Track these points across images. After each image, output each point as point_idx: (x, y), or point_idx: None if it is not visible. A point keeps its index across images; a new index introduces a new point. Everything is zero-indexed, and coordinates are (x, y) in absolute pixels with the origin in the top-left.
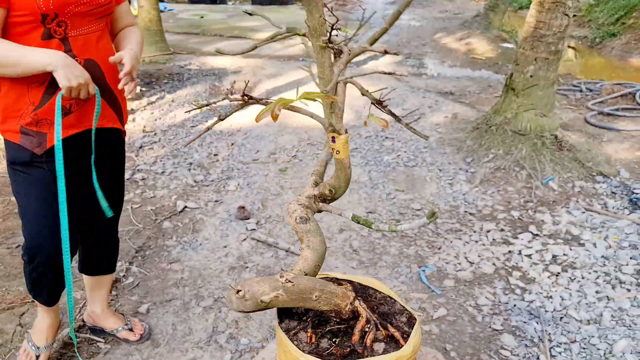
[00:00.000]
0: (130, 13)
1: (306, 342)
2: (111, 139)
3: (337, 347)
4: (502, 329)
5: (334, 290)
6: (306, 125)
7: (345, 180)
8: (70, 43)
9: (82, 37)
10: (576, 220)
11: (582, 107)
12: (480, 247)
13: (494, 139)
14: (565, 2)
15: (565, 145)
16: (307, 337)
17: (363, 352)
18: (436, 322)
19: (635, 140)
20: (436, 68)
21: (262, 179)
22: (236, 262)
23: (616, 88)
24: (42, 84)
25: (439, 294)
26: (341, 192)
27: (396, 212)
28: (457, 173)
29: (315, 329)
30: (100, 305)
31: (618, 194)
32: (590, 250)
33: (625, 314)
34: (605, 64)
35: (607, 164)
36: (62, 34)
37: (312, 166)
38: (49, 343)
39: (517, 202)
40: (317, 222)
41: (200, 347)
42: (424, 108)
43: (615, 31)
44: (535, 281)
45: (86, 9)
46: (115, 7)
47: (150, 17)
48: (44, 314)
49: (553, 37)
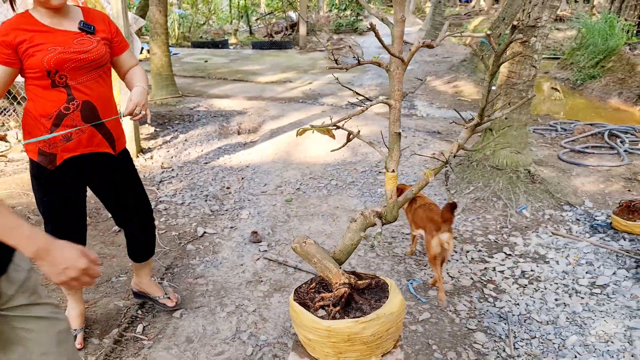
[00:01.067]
0: (132, 56)
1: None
2: (104, 160)
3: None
4: (476, 328)
5: (330, 266)
6: (308, 162)
7: (390, 209)
8: (71, 89)
9: (81, 85)
10: (544, 243)
11: (556, 145)
12: (460, 264)
13: (474, 173)
14: (532, 56)
15: (537, 178)
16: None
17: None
18: (421, 324)
19: (600, 175)
20: (425, 109)
21: (270, 208)
22: (252, 277)
23: (587, 128)
24: (49, 118)
25: (424, 302)
26: (389, 218)
27: (388, 236)
28: (441, 203)
29: (315, 302)
30: (145, 278)
31: (581, 221)
32: (553, 267)
33: (577, 316)
34: (586, 104)
35: (574, 195)
36: (64, 84)
37: (315, 197)
38: (82, 327)
39: (494, 228)
40: (360, 225)
41: (226, 342)
42: (413, 146)
43: (595, 74)
44: (505, 292)
45: (79, 65)
46: (118, 56)
47: (162, 63)
48: (72, 304)
49: (523, 85)
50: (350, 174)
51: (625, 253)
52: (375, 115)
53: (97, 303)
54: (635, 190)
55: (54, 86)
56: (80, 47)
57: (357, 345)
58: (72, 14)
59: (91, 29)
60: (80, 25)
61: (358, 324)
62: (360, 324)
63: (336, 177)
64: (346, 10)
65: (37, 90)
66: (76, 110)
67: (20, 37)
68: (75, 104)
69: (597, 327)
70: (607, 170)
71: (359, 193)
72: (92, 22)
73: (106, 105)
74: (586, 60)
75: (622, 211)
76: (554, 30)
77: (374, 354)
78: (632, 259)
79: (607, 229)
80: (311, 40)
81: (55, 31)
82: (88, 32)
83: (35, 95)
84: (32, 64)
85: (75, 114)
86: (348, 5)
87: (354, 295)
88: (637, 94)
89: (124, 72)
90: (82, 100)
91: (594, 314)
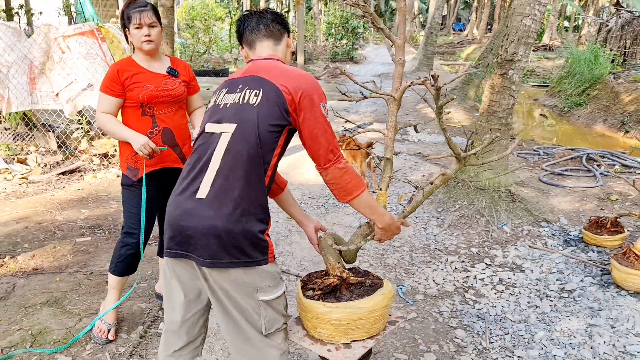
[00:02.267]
0: (200, 99)
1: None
2: (176, 173)
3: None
4: (457, 326)
5: (330, 260)
6: (307, 183)
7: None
8: (155, 118)
9: (163, 115)
10: (521, 254)
11: (537, 168)
12: (445, 273)
13: (460, 193)
14: (510, 87)
15: (518, 197)
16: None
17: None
18: (409, 322)
19: (576, 195)
20: (417, 135)
21: (273, 224)
22: None
23: (567, 152)
24: None
25: (412, 304)
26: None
27: (381, 248)
28: (429, 219)
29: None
30: None
31: (556, 236)
32: (528, 275)
33: (546, 316)
34: (573, 130)
35: (551, 212)
36: (151, 113)
37: (314, 215)
38: (115, 322)
39: (477, 242)
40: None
41: None
42: (405, 169)
43: (582, 101)
44: (484, 296)
45: (164, 100)
46: (190, 96)
47: None
48: (110, 299)
49: (503, 113)
50: None
51: (593, 263)
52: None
53: (122, 305)
54: (607, 209)
55: (143, 115)
56: (167, 86)
57: (326, 324)
58: (162, 61)
59: (175, 73)
60: (167, 69)
61: (325, 307)
62: (327, 307)
63: (333, 196)
64: (342, 40)
65: (130, 117)
66: (158, 134)
67: (125, 75)
68: (157, 130)
69: (562, 325)
70: (583, 191)
71: (354, 211)
72: (177, 68)
73: (181, 131)
74: (573, 88)
75: (592, 226)
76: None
77: (343, 337)
78: (598, 268)
79: (579, 243)
80: (308, 68)
81: (149, 72)
82: (173, 75)
83: (128, 121)
84: (131, 96)
85: (157, 137)
86: (344, 35)
87: (342, 287)
88: (621, 120)
89: (190, 110)
90: (163, 127)
91: (560, 314)
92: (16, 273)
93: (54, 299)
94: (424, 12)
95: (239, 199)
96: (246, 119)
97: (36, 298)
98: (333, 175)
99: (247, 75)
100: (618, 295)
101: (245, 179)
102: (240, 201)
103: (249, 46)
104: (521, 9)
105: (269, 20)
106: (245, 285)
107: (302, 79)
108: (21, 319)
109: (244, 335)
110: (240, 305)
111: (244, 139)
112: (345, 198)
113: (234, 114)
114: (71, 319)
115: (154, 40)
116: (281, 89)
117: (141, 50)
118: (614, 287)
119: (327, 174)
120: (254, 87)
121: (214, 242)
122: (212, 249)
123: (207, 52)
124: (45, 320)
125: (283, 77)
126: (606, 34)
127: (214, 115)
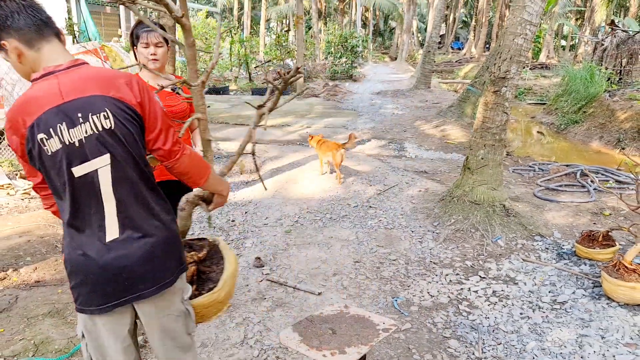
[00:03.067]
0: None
1: None
2: (177, 185)
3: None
4: (450, 336)
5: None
6: (306, 198)
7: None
8: None
9: None
10: (514, 267)
11: (533, 184)
12: (439, 285)
13: (455, 207)
14: (503, 104)
15: (512, 212)
16: None
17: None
18: (403, 332)
19: (569, 210)
20: (414, 151)
21: (272, 238)
22: (256, 295)
23: (562, 168)
24: None
25: (406, 315)
26: None
27: (377, 262)
28: (425, 233)
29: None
30: None
31: (550, 249)
32: (521, 287)
33: (538, 326)
34: (570, 147)
35: (545, 227)
36: None
37: (311, 229)
38: None
39: (472, 255)
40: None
41: (236, 347)
42: (402, 184)
43: (578, 119)
44: (478, 307)
45: (173, 117)
46: (192, 114)
47: None
48: None
49: (496, 129)
50: (344, 208)
51: (584, 275)
52: (367, 156)
53: None
54: (599, 223)
55: None
56: (170, 103)
57: (216, 304)
58: (168, 78)
59: (179, 91)
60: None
61: (214, 294)
62: (215, 293)
63: (330, 211)
64: (341, 58)
65: None
66: None
67: None
68: None
69: (554, 335)
70: (577, 206)
71: (351, 225)
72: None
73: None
74: (569, 106)
75: (584, 240)
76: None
77: (226, 305)
78: (590, 281)
79: (572, 256)
80: (308, 86)
81: (154, 89)
82: (177, 92)
83: None
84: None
85: None
86: (343, 54)
87: (200, 267)
88: (617, 137)
89: (192, 128)
90: None
91: (552, 325)
92: (19, 285)
93: (56, 310)
94: (422, 31)
95: (152, 210)
96: (114, 144)
97: (38, 309)
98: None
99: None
100: (608, 307)
101: (144, 194)
102: (154, 209)
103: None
104: (513, 29)
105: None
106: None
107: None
108: (24, 330)
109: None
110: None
111: (125, 162)
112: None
113: (97, 146)
114: (72, 329)
115: (159, 59)
116: (123, 100)
117: (145, 67)
118: (604, 299)
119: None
120: (96, 111)
121: (150, 268)
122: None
123: None
124: (47, 330)
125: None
126: (602, 52)
127: (72, 158)
